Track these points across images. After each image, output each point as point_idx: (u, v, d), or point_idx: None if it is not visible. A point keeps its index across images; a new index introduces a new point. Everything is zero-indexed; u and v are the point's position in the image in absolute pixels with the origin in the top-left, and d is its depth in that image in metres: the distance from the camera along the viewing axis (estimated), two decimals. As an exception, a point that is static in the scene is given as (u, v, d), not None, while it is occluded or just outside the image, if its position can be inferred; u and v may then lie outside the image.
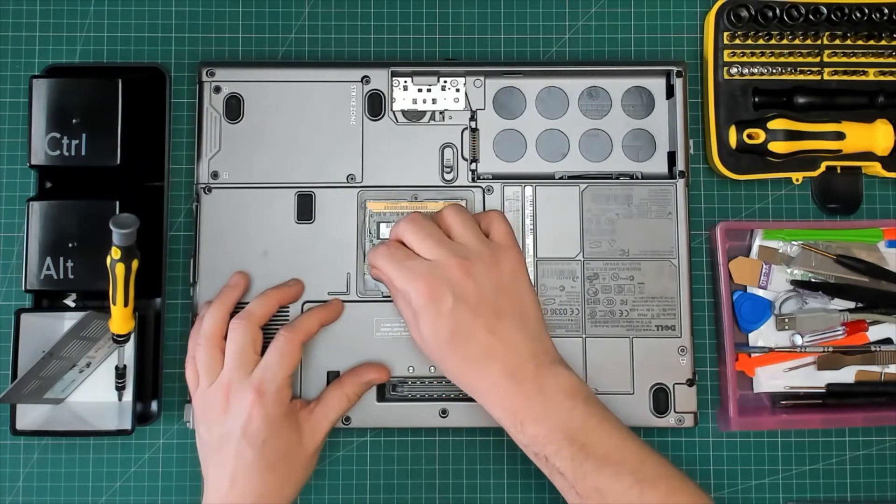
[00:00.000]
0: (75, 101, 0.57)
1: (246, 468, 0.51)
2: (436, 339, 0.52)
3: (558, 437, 0.50)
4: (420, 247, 0.53)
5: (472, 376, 0.52)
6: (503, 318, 0.52)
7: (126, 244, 0.52)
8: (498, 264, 0.53)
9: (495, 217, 0.56)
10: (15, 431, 0.57)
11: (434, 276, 0.52)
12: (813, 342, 0.60)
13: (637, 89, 0.61)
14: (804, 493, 0.61)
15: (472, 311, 0.52)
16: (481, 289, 0.52)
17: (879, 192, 0.63)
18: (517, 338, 0.52)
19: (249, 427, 0.52)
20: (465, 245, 0.54)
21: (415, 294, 0.52)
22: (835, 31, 0.62)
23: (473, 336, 0.52)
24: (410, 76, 0.60)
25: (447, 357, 0.52)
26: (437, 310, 0.51)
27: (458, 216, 0.55)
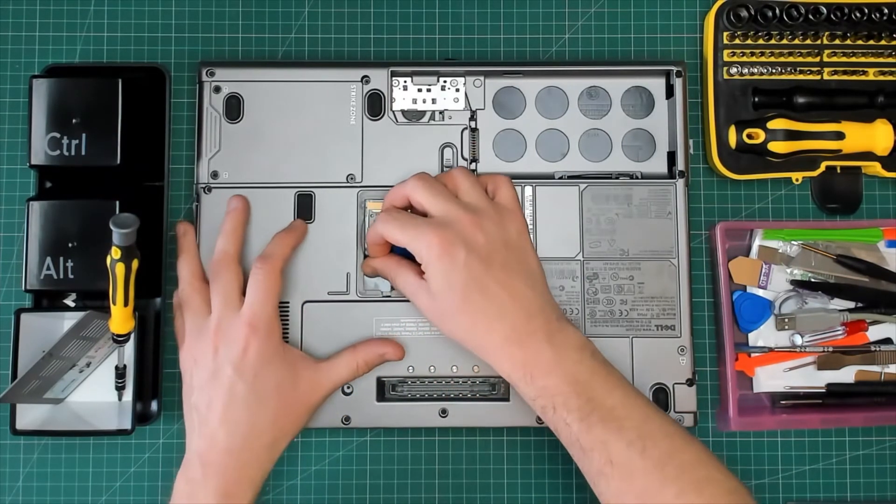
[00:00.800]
0: (75, 100, 0.57)
1: (237, 402, 0.52)
2: (450, 292, 0.52)
3: (567, 388, 0.50)
4: (430, 202, 0.54)
5: (482, 330, 0.52)
6: (512, 274, 0.53)
7: (126, 244, 0.52)
8: (504, 223, 0.54)
9: (502, 181, 0.56)
10: (15, 431, 0.57)
11: (446, 229, 0.52)
12: (813, 342, 0.60)
13: (637, 89, 0.61)
14: (804, 493, 0.61)
15: (483, 263, 0.52)
16: (491, 243, 0.53)
17: (879, 191, 0.63)
18: (526, 293, 0.52)
19: (244, 361, 0.52)
20: (473, 203, 0.54)
21: (427, 248, 0.52)
22: (834, 31, 0.62)
23: (485, 288, 0.52)
24: (410, 76, 0.60)
25: (458, 311, 0.52)
26: (450, 261, 0.51)
27: (465, 177, 0.55)
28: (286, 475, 0.60)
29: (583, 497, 0.60)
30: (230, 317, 0.53)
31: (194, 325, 0.54)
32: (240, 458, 0.51)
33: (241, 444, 0.52)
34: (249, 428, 0.52)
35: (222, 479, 0.51)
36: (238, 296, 0.54)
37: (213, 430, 0.52)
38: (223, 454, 0.51)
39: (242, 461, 0.52)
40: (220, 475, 0.51)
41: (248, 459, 0.52)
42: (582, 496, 0.60)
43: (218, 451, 0.51)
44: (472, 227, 0.52)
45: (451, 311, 0.52)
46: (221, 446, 0.51)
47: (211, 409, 0.52)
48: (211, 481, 0.51)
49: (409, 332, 0.58)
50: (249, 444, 0.52)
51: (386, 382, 0.58)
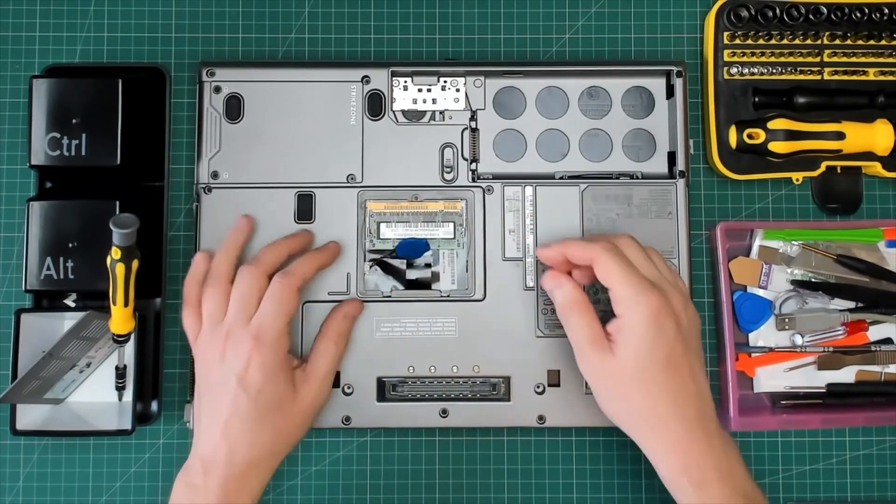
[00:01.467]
0: (75, 101, 0.57)
1: (239, 416, 0.51)
2: (646, 362, 0.49)
3: (740, 500, 0.49)
4: (643, 264, 0.52)
5: (663, 418, 0.50)
6: (701, 363, 0.52)
7: (126, 244, 0.52)
8: (695, 311, 0.53)
9: (678, 274, 0.56)
10: (15, 431, 0.57)
11: (663, 296, 0.50)
12: (813, 342, 0.60)
13: (637, 89, 0.61)
14: (804, 493, 0.61)
15: (684, 344, 0.50)
16: (690, 326, 0.51)
17: (879, 191, 0.63)
18: (706, 388, 0.51)
19: (246, 375, 0.51)
20: (674, 282, 0.53)
21: (644, 308, 0.49)
22: (835, 31, 0.62)
23: (679, 370, 0.50)
24: (410, 76, 0.60)
25: (640, 383, 0.50)
26: (660, 330, 0.49)
27: (661, 257, 0.54)
28: (286, 475, 0.60)
29: (583, 497, 0.60)
30: (241, 326, 0.53)
31: (209, 325, 0.54)
32: (241, 469, 0.51)
33: (242, 457, 0.51)
34: (251, 442, 0.52)
35: (223, 487, 0.51)
36: (254, 307, 0.53)
37: (217, 440, 0.51)
38: (225, 464, 0.51)
39: (243, 472, 0.51)
40: (220, 484, 0.51)
41: (249, 471, 0.52)
42: (582, 496, 0.60)
43: (219, 460, 0.51)
44: (681, 304, 0.51)
45: (632, 381, 0.50)
46: (223, 456, 0.51)
47: (216, 419, 0.52)
48: (211, 489, 0.51)
49: (409, 332, 0.58)
50: (250, 457, 0.52)
51: (386, 383, 0.58)
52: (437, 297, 0.58)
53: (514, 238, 0.59)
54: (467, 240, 0.59)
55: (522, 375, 0.58)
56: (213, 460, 0.51)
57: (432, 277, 0.59)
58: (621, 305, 0.50)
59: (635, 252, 0.53)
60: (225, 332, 0.53)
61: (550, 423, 0.57)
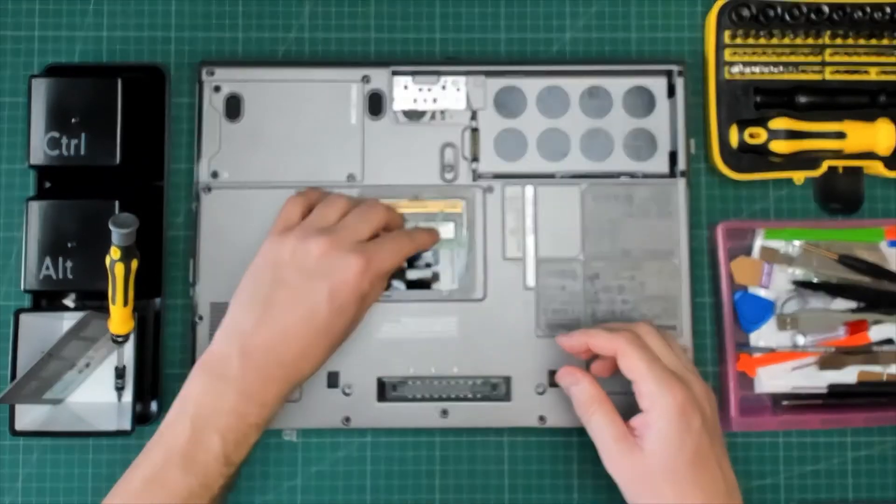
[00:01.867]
0: (75, 100, 0.57)
1: (311, 323, 0.49)
2: (676, 458, 0.48)
3: None
4: (666, 353, 0.51)
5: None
6: (726, 454, 0.51)
7: (126, 244, 0.52)
8: (713, 396, 0.52)
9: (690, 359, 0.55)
10: (14, 432, 0.57)
11: (688, 389, 0.49)
12: (814, 342, 0.60)
13: (638, 89, 0.61)
14: (806, 494, 0.61)
15: (710, 437, 0.49)
16: (714, 418, 0.51)
17: (881, 191, 0.63)
18: (732, 477, 0.50)
19: (340, 290, 0.50)
20: (693, 370, 0.52)
21: (671, 403, 0.48)
22: (836, 31, 0.62)
23: (707, 464, 0.49)
24: (411, 76, 0.60)
25: (676, 481, 0.48)
26: (687, 426, 0.48)
27: (677, 343, 0.54)
28: (286, 475, 0.60)
29: (583, 497, 0.60)
30: (354, 241, 0.51)
31: (317, 222, 0.52)
32: (287, 372, 0.49)
33: (292, 362, 0.50)
34: (306, 351, 0.50)
35: (262, 385, 0.49)
36: (369, 234, 0.52)
37: (274, 335, 0.49)
38: (274, 364, 0.49)
39: (287, 376, 0.50)
40: (261, 381, 0.49)
41: (292, 376, 0.50)
42: (582, 497, 0.60)
43: (269, 358, 0.49)
44: (704, 394, 0.50)
45: (663, 478, 0.48)
46: (274, 356, 0.49)
47: (283, 314, 0.50)
48: (249, 383, 0.49)
49: (409, 332, 0.58)
50: (299, 365, 0.50)
51: (386, 383, 0.58)
52: (438, 297, 0.58)
53: (515, 238, 0.59)
54: (467, 240, 0.59)
55: (522, 375, 0.57)
56: (261, 353, 0.49)
57: (432, 277, 0.59)
58: (647, 400, 0.49)
59: (656, 341, 0.52)
60: (335, 237, 0.51)
61: (551, 423, 0.57)
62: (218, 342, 0.50)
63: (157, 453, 0.48)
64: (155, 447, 0.49)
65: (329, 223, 0.53)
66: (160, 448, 0.48)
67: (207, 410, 0.48)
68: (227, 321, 0.51)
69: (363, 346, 0.57)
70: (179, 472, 0.47)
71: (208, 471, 0.48)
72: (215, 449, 0.48)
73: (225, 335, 0.50)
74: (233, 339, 0.50)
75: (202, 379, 0.49)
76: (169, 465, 0.47)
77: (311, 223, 0.53)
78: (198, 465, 0.48)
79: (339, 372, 0.57)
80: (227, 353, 0.49)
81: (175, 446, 0.48)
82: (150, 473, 0.48)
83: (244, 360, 0.49)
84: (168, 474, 0.47)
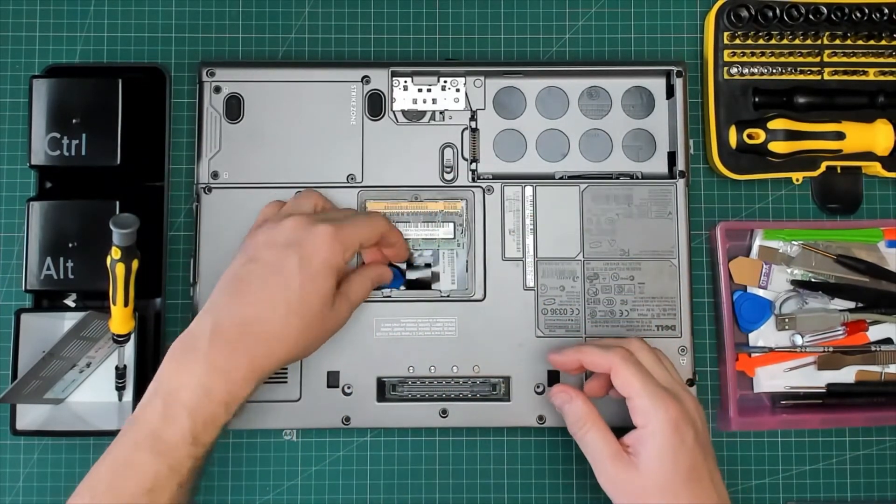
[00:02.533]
0: (75, 101, 0.57)
1: (285, 291, 0.49)
2: (672, 473, 0.49)
3: None
4: (657, 369, 0.52)
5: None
6: (716, 466, 0.51)
7: (126, 244, 0.52)
8: (702, 410, 0.52)
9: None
10: (15, 431, 0.57)
11: (681, 404, 0.50)
12: (813, 342, 0.60)
13: (637, 89, 0.61)
14: (804, 493, 0.61)
15: (702, 451, 0.50)
16: (705, 430, 0.51)
17: (879, 191, 0.63)
18: (725, 492, 0.51)
19: (312, 258, 0.50)
20: (684, 385, 0.53)
21: (664, 419, 0.49)
22: (835, 31, 0.62)
23: (702, 479, 0.49)
24: (410, 76, 0.60)
25: (672, 496, 0.49)
26: (680, 440, 0.49)
27: (668, 359, 0.54)
28: (286, 475, 0.60)
29: (583, 497, 0.60)
30: (326, 220, 0.52)
31: (292, 207, 0.54)
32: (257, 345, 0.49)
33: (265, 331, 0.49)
34: (281, 324, 0.49)
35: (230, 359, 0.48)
36: (343, 218, 0.53)
37: (245, 308, 0.49)
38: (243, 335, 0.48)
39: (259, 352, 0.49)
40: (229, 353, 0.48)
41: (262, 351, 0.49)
42: (582, 496, 0.60)
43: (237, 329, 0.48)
44: (696, 409, 0.51)
45: (659, 494, 0.49)
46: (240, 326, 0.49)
47: (257, 287, 0.49)
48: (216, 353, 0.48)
49: (409, 332, 0.58)
50: (276, 334, 0.49)
51: (386, 383, 0.58)
52: (437, 297, 0.58)
53: (514, 238, 0.59)
54: (467, 240, 0.59)
55: (522, 375, 0.58)
56: (230, 326, 0.49)
57: (432, 277, 0.59)
58: (641, 417, 0.50)
59: (648, 357, 0.52)
60: (308, 216, 0.52)
61: (550, 423, 0.57)
62: (193, 323, 0.50)
63: (128, 436, 0.47)
64: (128, 431, 0.48)
65: (303, 210, 0.54)
66: (132, 431, 0.47)
67: (175, 385, 0.48)
68: (205, 304, 0.51)
69: (363, 346, 0.58)
70: (148, 454, 0.46)
71: (177, 452, 0.47)
72: (183, 426, 0.47)
73: (200, 315, 0.50)
74: (206, 317, 0.49)
75: (173, 356, 0.49)
76: (138, 447, 0.47)
77: (285, 210, 0.55)
78: (166, 445, 0.47)
79: (339, 372, 0.57)
80: (201, 330, 0.49)
81: (145, 427, 0.47)
82: (121, 457, 0.47)
83: (214, 335, 0.48)
84: (136, 457, 0.47)
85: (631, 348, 0.52)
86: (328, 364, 0.57)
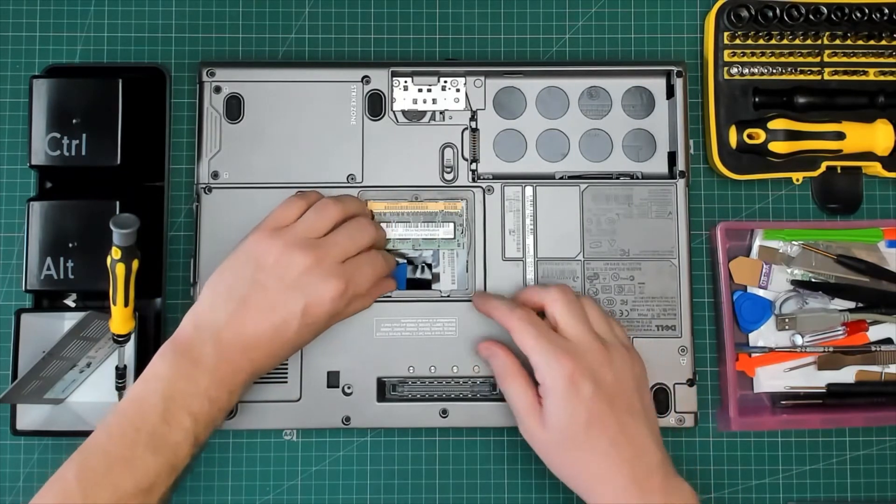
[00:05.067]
0: (75, 101, 0.57)
1: (279, 333, 0.51)
2: (568, 426, 0.50)
3: None
4: (568, 323, 0.52)
5: (596, 475, 0.50)
6: (635, 418, 0.51)
7: (126, 244, 0.52)
8: (632, 364, 0.53)
9: (616, 322, 0.56)
10: (15, 431, 0.57)
11: (579, 357, 0.50)
12: (813, 342, 0.60)
13: (637, 89, 0.61)
14: (804, 493, 0.61)
15: (608, 402, 0.50)
16: (618, 382, 0.51)
17: (880, 191, 0.63)
18: (646, 441, 0.50)
19: (314, 310, 0.51)
20: (604, 336, 0.53)
21: (557, 374, 0.50)
22: (835, 31, 0.62)
23: (606, 429, 0.50)
24: (410, 76, 0.60)
25: (572, 448, 0.50)
26: (576, 394, 0.50)
27: (597, 309, 0.54)
28: (286, 475, 0.60)
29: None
30: (336, 260, 0.52)
31: (302, 232, 0.53)
32: (253, 368, 0.51)
33: (259, 363, 0.51)
34: (271, 356, 0.51)
35: (232, 377, 0.50)
36: (353, 253, 0.53)
37: (245, 335, 0.50)
38: (242, 358, 0.50)
39: (253, 371, 0.51)
40: (232, 373, 0.50)
41: (256, 372, 0.52)
42: (582, 496, 0.60)
43: (238, 352, 0.50)
44: (604, 360, 0.51)
45: (564, 446, 0.50)
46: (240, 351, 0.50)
47: (256, 319, 0.50)
48: (219, 372, 0.50)
49: (409, 332, 0.58)
50: (262, 365, 0.52)
51: (386, 383, 0.58)
52: (437, 297, 0.58)
53: (514, 238, 0.59)
54: (467, 240, 0.59)
55: (522, 375, 0.58)
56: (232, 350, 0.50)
57: (432, 277, 0.59)
58: (538, 374, 0.51)
59: (562, 309, 0.52)
60: (321, 255, 0.52)
61: (550, 423, 0.57)
62: (188, 326, 0.51)
63: (121, 431, 0.48)
64: (117, 425, 0.48)
65: (317, 234, 0.53)
66: (125, 426, 0.48)
67: (181, 392, 0.49)
68: (200, 307, 0.51)
69: (363, 346, 0.58)
70: (148, 451, 0.47)
71: (178, 451, 0.48)
72: (187, 429, 0.48)
73: (196, 321, 0.51)
74: (205, 327, 0.50)
75: (174, 360, 0.49)
76: (136, 444, 0.47)
77: (300, 232, 0.53)
78: (168, 446, 0.48)
79: (339, 372, 0.57)
80: (201, 340, 0.50)
81: (143, 426, 0.48)
82: (116, 452, 0.47)
83: (218, 351, 0.50)
84: (135, 453, 0.47)
85: (546, 300, 0.53)
86: (328, 364, 0.57)
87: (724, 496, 0.60)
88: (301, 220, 0.53)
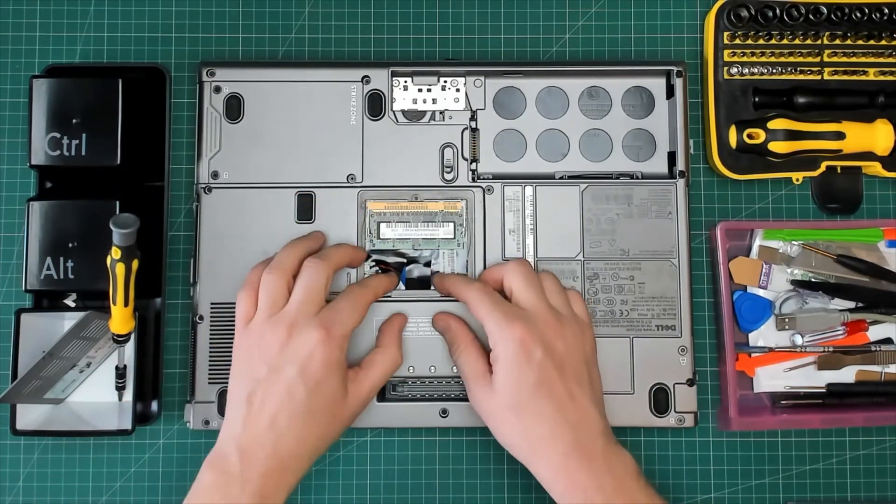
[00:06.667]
0: (75, 101, 0.57)
1: (292, 408, 0.51)
2: (514, 390, 0.51)
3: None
4: (523, 293, 0.54)
5: (541, 443, 0.51)
6: (582, 387, 0.52)
7: (126, 244, 0.52)
8: (583, 336, 0.54)
9: (576, 296, 0.57)
10: (15, 431, 0.57)
11: (530, 324, 0.52)
12: (813, 342, 0.60)
13: (637, 89, 0.61)
14: (804, 493, 0.61)
15: (557, 369, 0.52)
16: (568, 352, 0.53)
17: (879, 191, 0.63)
18: (591, 410, 0.52)
19: (309, 366, 0.51)
20: (559, 307, 0.54)
21: (509, 339, 0.51)
22: (835, 31, 0.62)
23: (553, 394, 0.51)
24: (410, 76, 0.60)
25: (518, 412, 0.51)
26: (526, 358, 0.51)
27: (554, 282, 0.56)
28: (286, 475, 0.60)
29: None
30: (308, 317, 0.52)
31: (267, 311, 0.52)
32: (284, 462, 0.51)
33: (287, 450, 0.51)
34: (298, 436, 0.51)
35: (263, 478, 0.50)
36: (322, 298, 0.53)
37: (262, 430, 0.50)
38: (268, 456, 0.50)
39: (285, 465, 0.51)
40: (260, 474, 0.50)
41: (291, 464, 0.51)
42: (582, 496, 0.60)
43: (263, 451, 0.50)
44: (555, 330, 0.53)
45: (511, 410, 0.52)
46: (268, 450, 0.50)
47: (263, 408, 0.51)
48: (250, 478, 0.50)
49: (409, 332, 0.58)
50: (295, 451, 0.51)
51: (386, 382, 0.58)
52: (437, 298, 0.58)
53: (514, 238, 0.59)
54: (467, 240, 0.59)
55: (522, 375, 0.57)
56: (255, 450, 0.50)
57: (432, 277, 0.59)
58: (491, 341, 0.53)
59: (516, 280, 0.54)
60: (290, 321, 0.52)
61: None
62: (220, 440, 0.52)
63: None
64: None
65: (278, 307, 0.53)
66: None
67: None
68: (225, 420, 0.53)
69: (363, 346, 0.58)
70: None
71: None
72: None
73: (224, 434, 0.52)
74: (229, 438, 0.51)
75: (210, 474, 0.51)
76: None
77: (264, 313, 0.53)
78: None
79: (339, 372, 0.57)
80: (227, 451, 0.51)
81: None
82: None
83: (242, 458, 0.50)
84: None
85: (504, 272, 0.55)
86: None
87: (724, 496, 0.60)
88: (260, 302, 0.53)
